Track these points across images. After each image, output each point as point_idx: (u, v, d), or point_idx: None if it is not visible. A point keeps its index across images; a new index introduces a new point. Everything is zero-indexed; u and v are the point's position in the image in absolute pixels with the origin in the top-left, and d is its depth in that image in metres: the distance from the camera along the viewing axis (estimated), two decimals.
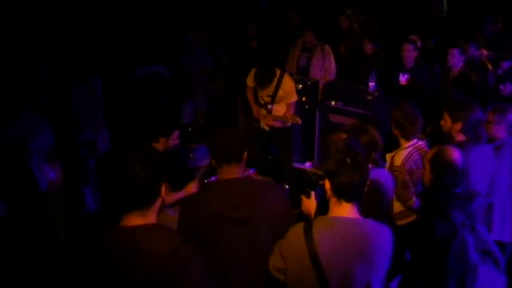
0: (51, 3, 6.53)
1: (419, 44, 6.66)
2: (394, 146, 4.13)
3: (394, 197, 3.83)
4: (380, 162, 3.59)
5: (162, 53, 7.11)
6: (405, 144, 3.95)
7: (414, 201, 3.85)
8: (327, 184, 2.43)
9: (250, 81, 5.79)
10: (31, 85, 4.82)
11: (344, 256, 2.32)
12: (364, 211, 2.49)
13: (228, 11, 8.25)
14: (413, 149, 3.91)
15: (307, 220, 2.52)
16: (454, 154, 2.99)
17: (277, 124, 5.69)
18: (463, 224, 2.80)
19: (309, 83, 6.69)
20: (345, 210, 2.40)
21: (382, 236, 2.39)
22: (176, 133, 4.03)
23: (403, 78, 6.24)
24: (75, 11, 6.73)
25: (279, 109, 5.70)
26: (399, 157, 3.91)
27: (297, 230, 2.42)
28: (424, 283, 2.87)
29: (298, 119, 5.59)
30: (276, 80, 5.57)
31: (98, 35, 6.68)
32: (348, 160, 2.36)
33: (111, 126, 5.94)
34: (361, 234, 2.35)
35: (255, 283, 2.69)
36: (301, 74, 6.91)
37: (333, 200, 2.42)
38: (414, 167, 3.84)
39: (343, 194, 2.38)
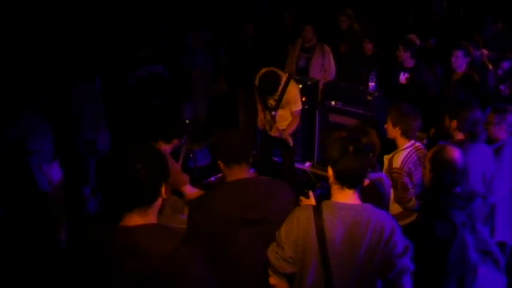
0: (51, 4, 6.53)
1: (418, 43, 6.66)
2: (393, 147, 4.12)
3: (392, 199, 3.82)
4: (376, 165, 3.58)
5: (162, 53, 7.11)
6: (404, 144, 3.92)
7: (415, 203, 3.83)
8: (330, 171, 2.47)
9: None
10: (31, 85, 4.82)
11: (348, 241, 2.37)
12: None
13: (228, 11, 8.26)
14: (412, 149, 3.89)
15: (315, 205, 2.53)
16: (454, 153, 2.99)
17: (280, 137, 5.62)
18: (463, 223, 2.80)
19: (308, 83, 6.67)
20: (348, 197, 2.45)
21: (384, 221, 2.42)
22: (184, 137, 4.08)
23: (403, 77, 6.24)
24: (75, 11, 6.73)
25: (284, 114, 5.63)
26: (398, 159, 3.88)
27: (306, 207, 2.48)
28: (424, 283, 2.87)
29: (290, 141, 5.56)
30: (282, 85, 5.46)
31: (98, 35, 6.68)
32: (351, 147, 2.40)
33: (111, 126, 5.94)
34: (365, 220, 2.39)
35: (264, 282, 2.68)
36: (301, 75, 6.90)
37: (335, 187, 2.47)
38: (413, 168, 3.82)
39: (346, 180, 2.43)
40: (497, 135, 4.13)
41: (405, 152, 3.90)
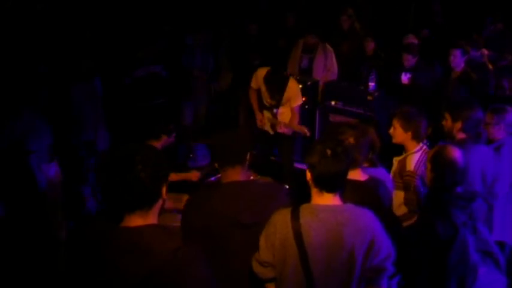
0: (51, 4, 6.53)
1: (416, 42, 6.67)
2: (393, 146, 4.11)
3: (400, 201, 3.81)
4: (377, 163, 3.58)
5: (162, 53, 7.11)
6: (414, 147, 3.88)
7: None
8: (308, 175, 2.45)
9: (254, 83, 5.66)
10: (32, 85, 4.82)
11: (329, 243, 2.35)
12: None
13: (229, 11, 8.26)
14: (422, 152, 3.85)
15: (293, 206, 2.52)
16: (455, 153, 2.98)
17: (288, 132, 5.64)
18: (464, 223, 2.80)
19: (308, 83, 6.67)
20: (328, 200, 2.42)
21: (366, 221, 2.40)
22: (174, 133, 4.04)
23: (405, 78, 6.24)
24: (76, 11, 6.73)
25: (284, 111, 5.63)
26: (411, 161, 3.83)
27: (283, 211, 2.45)
28: (424, 283, 2.87)
29: (306, 130, 5.51)
30: None
31: (98, 35, 6.68)
32: (328, 151, 2.38)
33: (110, 126, 5.94)
34: (346, 221, 2.36)
35: (254, 284, 2.67)
36: (304, 75, 6.88)
37: (314, 190, 2.45)
38: (425, 171, 3.80)
39: (324, 184, 2.40)
40: (496, 135, 4.13)
41: (417, 155, 3.85)
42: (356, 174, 3.07)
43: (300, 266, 2.36)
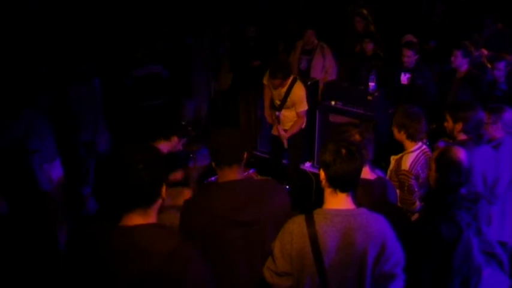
0: (52, 4, 6.54)
1: (415, 41, 6.65)
2: (394, 146, 4.11)
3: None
4: (374, 169, 3.56)
5: (161, 53, 7.12)
6: (411, 147, 3.89)
7: (418, 205, 3.82)
8: (322, 174, 2.44)
9: (267, 80, 5.70)
10: (33, 85, 4.83)
11: (343, 247, 2.34)
12: (377, 206, 2.51)
13: (229, 11, 8.27)
14: (419, 152, 3.87)
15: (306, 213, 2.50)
16: (460, 153, 2.97)
17: (283, 135, 5.72)
18: (468, 225, 2.79)
19: (308, 83, 6.67)
20: (341, 202, 2.41)
21: (378, 226, 2.39)
22: (184, 139, 4.06)
23: (404, 78, 6.24)
24: (76, 11, 6.74)
25: (288, 114, 5.65)
26: (406, 161, 3.86)
27: (298, 219, 2.42)
28: (426, 283, 2.86)
29: (285, 142, 5.66)
30: (287, 85, 5.51)
31: (98, 35, 6.69)
32: (343, 151, 2.37)
33: (111, 126, 5.95)
34: (359, 225, 2.36)
35: (253, 283, 2.69)
36: (303, 77, 6.88)
37: (328, 191, 2.43)
38: (420, 171, 3.80)
39: (338, 184, 2.39)
40: (494, 134, 4.14)
41: (413, 154, 3.87)
42: (365, 173, 3.05)
43: (316, 272, 2.35)
